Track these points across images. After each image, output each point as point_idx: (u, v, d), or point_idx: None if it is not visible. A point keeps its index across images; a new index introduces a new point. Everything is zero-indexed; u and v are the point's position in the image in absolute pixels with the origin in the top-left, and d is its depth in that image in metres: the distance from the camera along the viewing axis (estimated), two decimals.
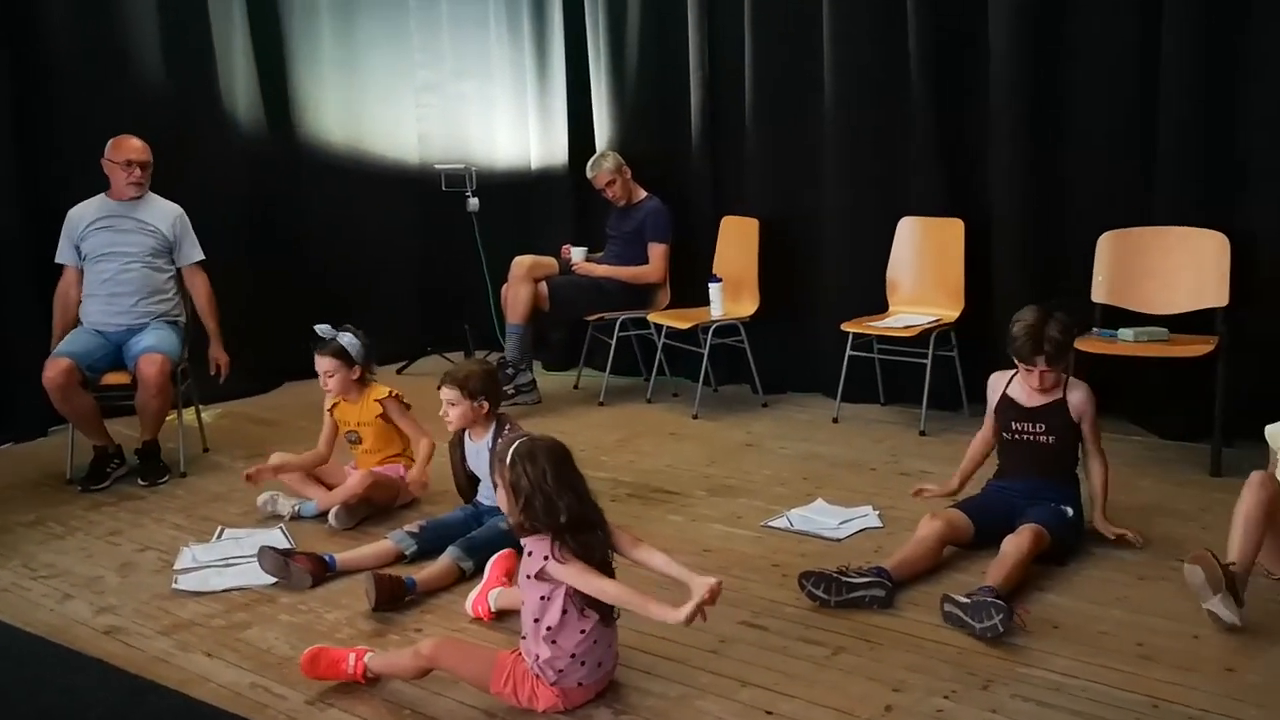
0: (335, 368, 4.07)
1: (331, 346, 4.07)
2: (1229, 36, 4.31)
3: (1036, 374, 3.52)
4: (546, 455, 2.65)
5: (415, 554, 3.61)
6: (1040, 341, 3.44)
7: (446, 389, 3.67)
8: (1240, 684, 2.66)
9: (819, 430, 5.08)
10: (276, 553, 3.49)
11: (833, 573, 3.20)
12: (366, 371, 4.15)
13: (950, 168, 5.13)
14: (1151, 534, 3.61)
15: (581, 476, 2.71)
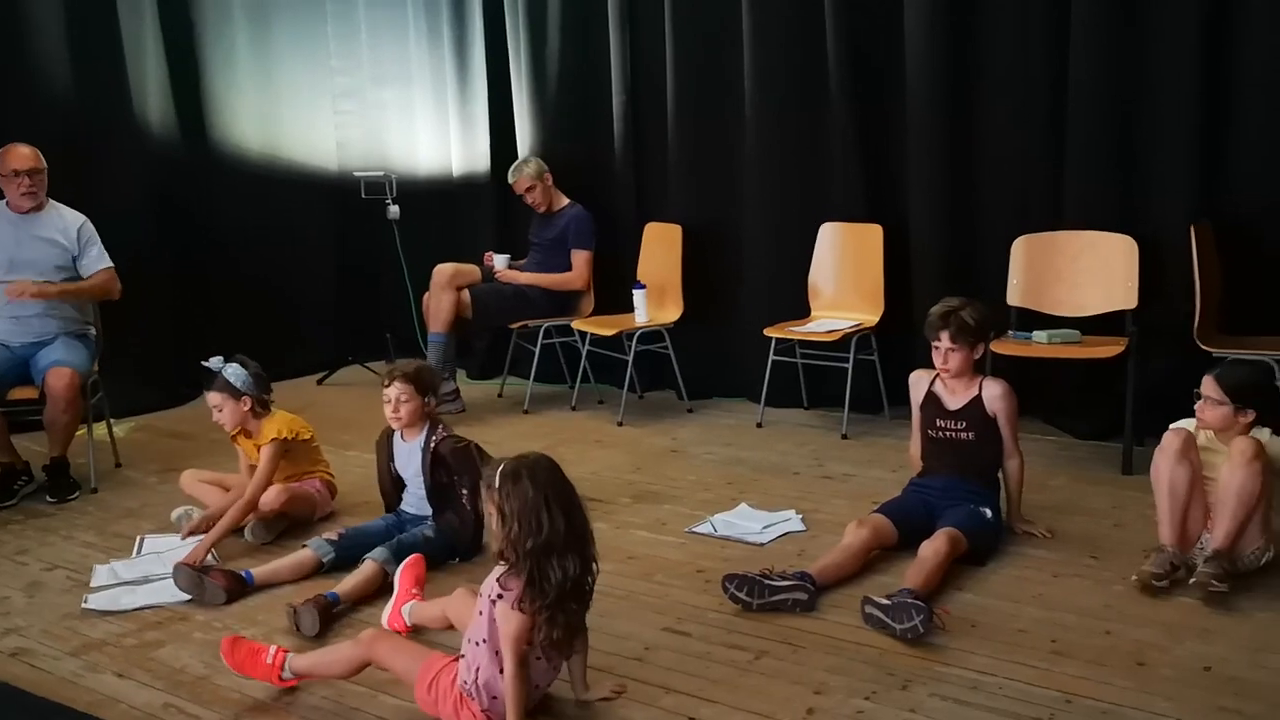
0: (222, 401, 3.90)
1: (217, 381, 3.90)
2: (1134, 50, 4.44)
3: (943, 352, 3.59)
4: (539, 480, 2.50)
5: (333, 562, 3.55)
6: (948, 317, 3.55)
7: (398, 385, 3.61)
8: (1151, 678, 2.72)
9: (743, 435, 5.11)
10: (191, 569, 3.41)
11: (756, 576, 3.21)
12: (258, 403, 3.95)
13: (869, 174, 5.20)
14: (1065, 532, 3.69)
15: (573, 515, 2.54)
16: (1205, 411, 3.22)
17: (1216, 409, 3.19)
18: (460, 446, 3.65)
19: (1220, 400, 3.18)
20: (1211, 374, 3.23)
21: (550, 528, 2.46)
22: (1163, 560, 3.20)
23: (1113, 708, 2.58)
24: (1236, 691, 2.63)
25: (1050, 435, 4.78)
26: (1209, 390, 3.20)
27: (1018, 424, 3.70)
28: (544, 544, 2.46)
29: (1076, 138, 4.62)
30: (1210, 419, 3.22)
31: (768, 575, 3.23)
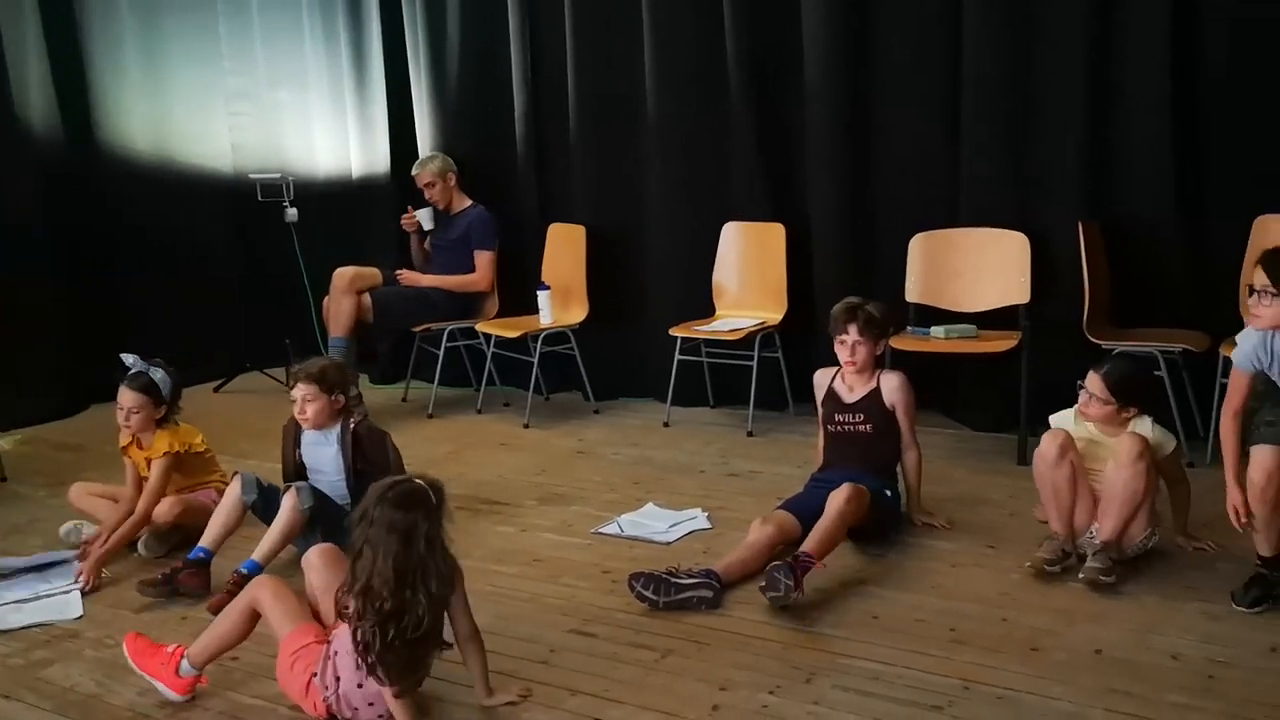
0: (141, 404, 3.72)
1: (140, 381, 3.73)
2: (1024, 55, 4.56)
3: (849, 345, 3.65)
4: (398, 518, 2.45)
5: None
6: (855, 311, 3.65)
7: (302, 386, 3.56)
8: (1045, 662, 2.79)
9: (650, 435, 5.11)
10: (157, 586, 3.37)
11: (662, 574, 3.22)
12: (171, 411, 3.81)
13: (770, 174, 5.25)
14: (964, 522, 3.76)
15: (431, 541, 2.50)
16: (1090, 407, 3.31)
17: (1102, 407, 3.28)
18: (376, 431, 3.64)
19: (1106, 399, 3.26)
20: (1097, 371, 3.32)
21: (405, 559, 2.43)
22: (1054, 547, 3.30)
23: (1008, 693, 2.64)
24: (1126, 673, 2.71)
25: (949, 428, 4.88)
26: (1094, 388, 3.29)
27: (915, 416, 3.78)
28: (394, 576, 2.42)
29: (971, 139, 4.73)
30: (1094, 415, 3.31)
31: (674, 573, 3.23)
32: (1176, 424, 4.20)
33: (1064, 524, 3.33)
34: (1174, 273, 4.46)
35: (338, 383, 3.63)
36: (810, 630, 3.03)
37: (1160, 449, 3.27)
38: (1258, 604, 2.98)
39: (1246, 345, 3.00)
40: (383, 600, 2.40)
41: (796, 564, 3.13)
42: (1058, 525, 3.34)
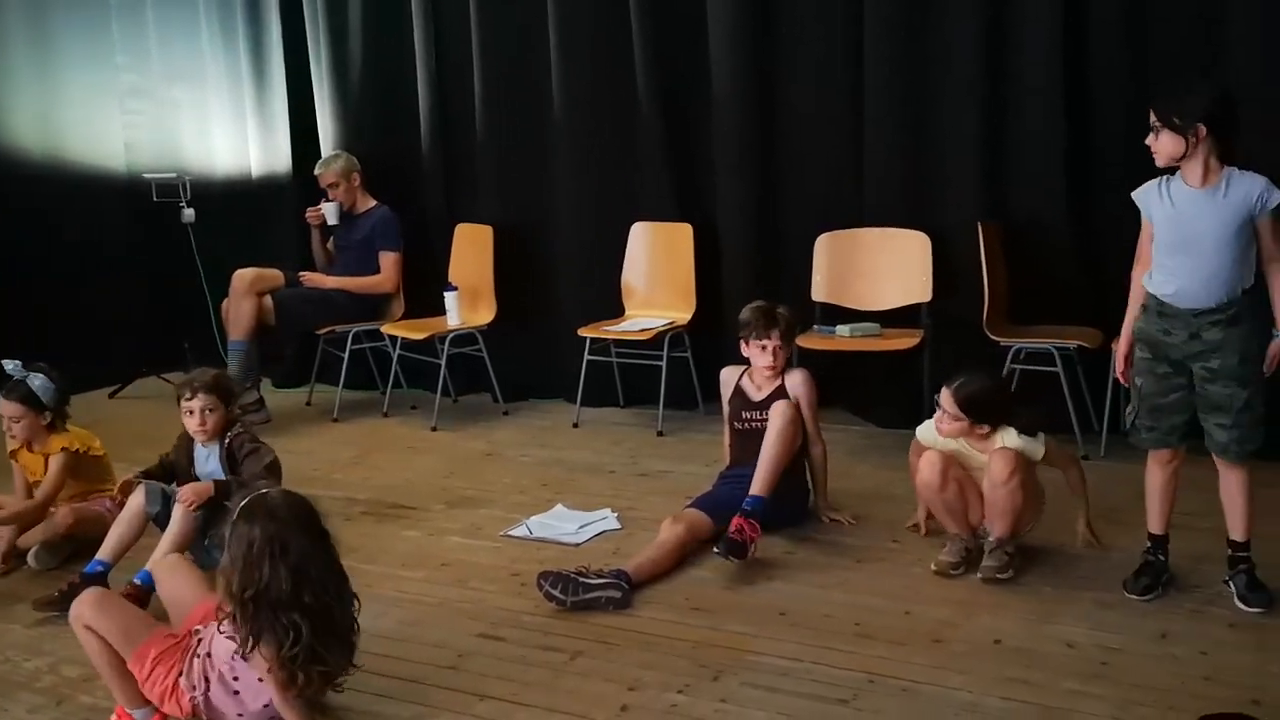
0: (20, 414, 3.63)
1: (19, 391, 3.62)
2: (921, 60, 4.65)
3: (770, 350, 3.71)
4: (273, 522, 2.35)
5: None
6: (773, 315, 3.70)
7: (203, 396, 3.47)
8: (946, 654, 2.85)
9: (559, 436, 5.09)
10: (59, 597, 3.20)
11: (571, 574, 3.21)
12: (58, 418, 3.72)
13: (677, 174, 5.27)
14: (869, 517, 3.82)
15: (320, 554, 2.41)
16: (943, 423, 3.33)
17: (954, 423, 3.31)
18: (254, 443, 3.54)
19: (956, 415, 3.29)
20: (949, 387, 3.31)
21: (271, 578, 2.32)
22: (956, 549, 3.36)
23: (911, 685, 2.69)
24: (1022, 662, 2.78)
25: (855, 425, 4.95)
26: (946, 404, 3.30)
27: (818, 412, 3.83)
28: (260, 595, 2.33)
29: (874, 140, 4.81)
30: (948, 431, 3.33)
31: (583, 573, 3.23)
32: (1072, 419, 4.35)
33: (962, 527, 3.39)
34: (1068, 272, 4.58)
35: (232, 391, 3.59)
36: (718, 628, 3.05)
37: (1031, 456, 3.30)
38: (1148, 592, 3.07)
39: (1145, 195, 3.01)
40: (256, 605, 2.33)
41: (745, 523, 3.34)
42: (956, 529, 3.40)
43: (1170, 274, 2.91)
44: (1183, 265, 2.88)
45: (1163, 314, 2.95)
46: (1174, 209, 2.90)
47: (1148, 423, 3.04)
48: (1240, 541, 3.03)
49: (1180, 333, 2.91)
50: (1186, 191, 2.88)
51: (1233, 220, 2.83)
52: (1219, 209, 2.83)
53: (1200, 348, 2.89)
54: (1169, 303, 2.92)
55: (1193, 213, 2.86)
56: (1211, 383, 2.91)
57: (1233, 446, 2.93)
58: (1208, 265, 2.85)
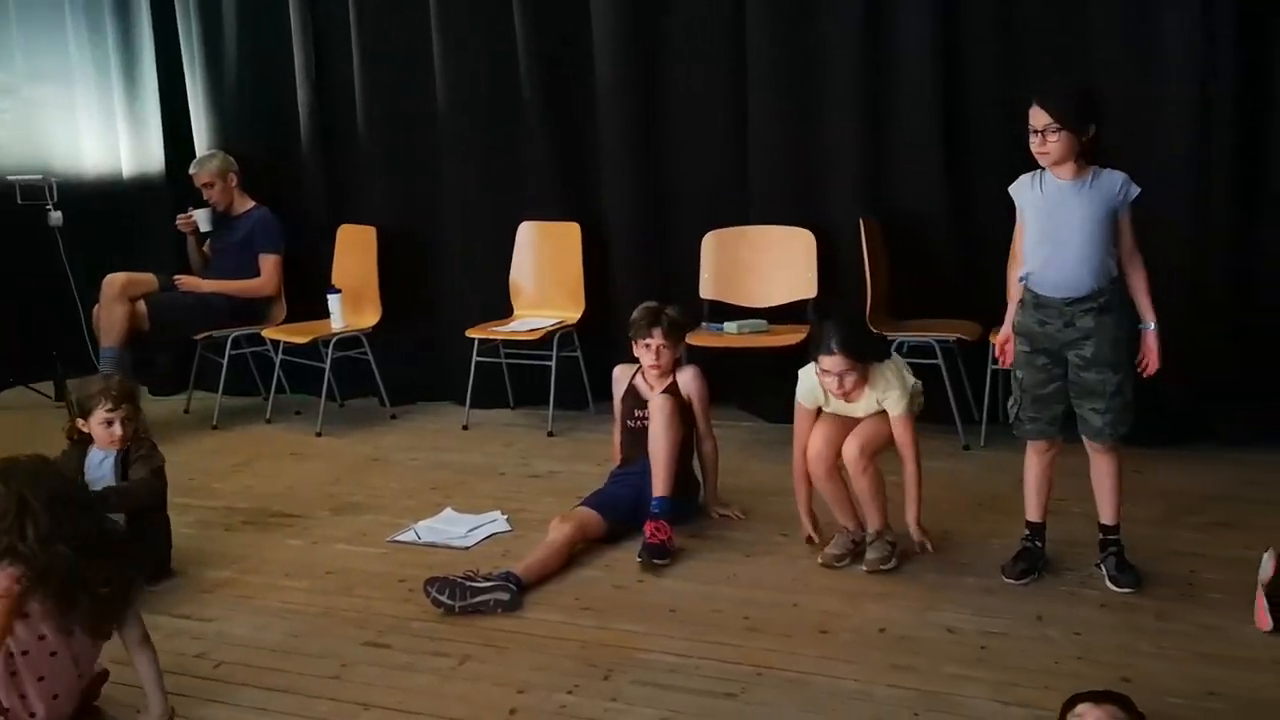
0: None
1: None
2: (804, 62, 4.71)
3: (654, 349, 3.72)
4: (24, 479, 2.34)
5: None
6: (658, 315, 3.73)
7: (125, 407, 3.37)
8: (833, 644, 2.88)
9: (448, 439, 5.02)
10: None
11: (457, 578, 3.16)
12: None
13: (564, 173, 5.25)
14: (758, 511, 3.85)
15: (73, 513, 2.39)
16: (844, 387, 3.25)
17: (854, 380, 3.24)
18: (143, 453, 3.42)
19: (850, 367, 3.22)
20: (828, 352, 3.23)
21: (29, 520, 2.31)
22: (842, 542, 3.40)
23: (799, 676, 2.71)
24: (907, 649, 2.83)
25: (744, 421, 4.98)
26: (836, 365, 3.22)
27: (709, 409, 3.86)
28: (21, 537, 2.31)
29: (758, 139, 4.86)
30: (853, 391, 3.28)
31: (470, 577, 3.19)
32: (953, 409, 4.45)
33: (847, 516, 3.44)
34: (947, 267, 4.69)
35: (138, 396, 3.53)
36: (608, 627, 3.03)
37: (915, 400, 3.33)
38: (1025, 576, 3.15)
39: (1019, 189, 3.08)
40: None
41: (655, 525, 3.40)
42: (844, 520, 3.44)
43: (1044, 264, 3.00)
44: (1055, 255, 2.97)
45: (1038, 305, 3.04)
46: (1045, 200, 2.99)
47: (1030, 414, 3.12)
48: (1110, 525, 3.14)
49: (1055, 322, 3.00)
50: (1057, 184, 2.98)
51: (1099, 210, 2.93)
52: (1087, 200, 2.94)
53: (1075, 335, 2.98)
54: (1043, 294, 3.01)
55: (1063, 203, 2.96)
56: (1086, 369, 3.01)
57: (1107, 430, 3.03)
58: (1077, 254, 2.94)
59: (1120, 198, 2.95)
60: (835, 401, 3.37)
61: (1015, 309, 3.14)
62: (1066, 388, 3.07)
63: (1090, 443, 3.10)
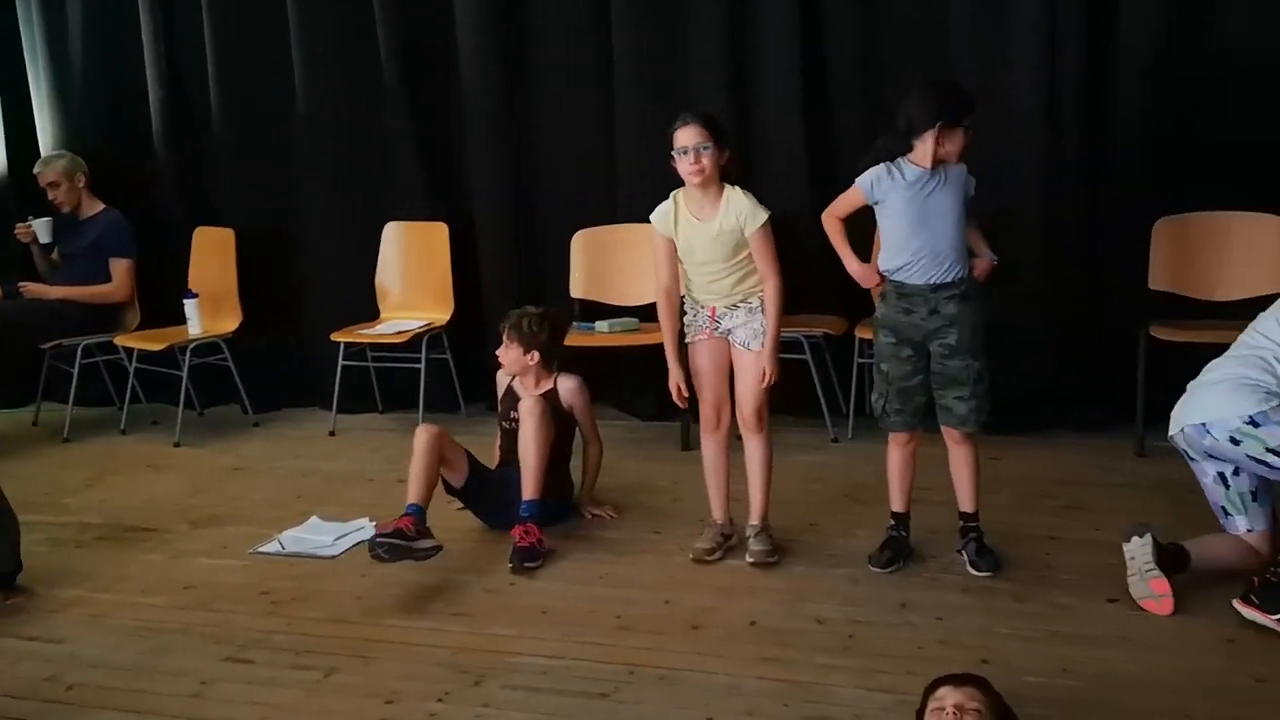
0: None
1: None
2: (672, 55, 4.73)
3: (503, 350, 3.76)
4: None
5: None
6: (509, 317, 3.77)
7: None
8: (705, 639, 2.90)
9: (314, 445, 4.90)
10: None
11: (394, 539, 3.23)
12: None
13: (430, 172, 5.17)
14: (631, 510, 3.86)
15: None
16: (704, 162, 3.14)
17: (708, 153, 3.14)
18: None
19: (707, 139, 3.13)
20: (690, 115, 3.19)
21: None
22: (712, 535, 3.43)
23: (671, 673, 2.72)
24: (776, 641, 2.86)
25: (619, 420, 4.99)
26: (694, 138, 3.13)
27: (594, 415, 3.88)
28: None
29: (624, 136, 4.86)
30: (708, 182, 3.19)
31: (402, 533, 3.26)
32: (821, 403, 4.54)
33: (721, 511, 3.46)
34: (812, 264, 4.75)
35: None
36: (479, 632, 3.00)
37: (754, 220, 3.20)
38: (891, 564, 3.23)
39: (879, 180, 3.09)
40: None
41: (525, 529, 3.40)
42: (717, 507, 3.47)
43: (912, 253, 3.06)
44: (925, 243, 3.04)
45: (902, 294, 3.10)
46: (910, 189, 3.05)
47: (896, 405, 3.18)
48: (970, 513, 3.24)
49: (920, 310, 3.07)
50: (918, 172, 3.04)
51: (958, 198, 3.06)
52: (949, 188, 3.05)
53: (939, 323, 3.06)
54: (909, 282, 3.08)
55: (931, 193, 3.04)
56: (950, 357, 3.09)
57: (971, 418, 3.12)
58: (945, 240, 3.04)
59: (969, 187, 3.09)
60: (687, 228, 3.24)
61: (878, 304, 3.22)
62: (929, 380, 3.15)
63: (952, 432, 3.18)
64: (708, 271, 3.27)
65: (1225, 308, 4.07)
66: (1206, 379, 3.00)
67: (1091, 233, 4.36)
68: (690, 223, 3.25)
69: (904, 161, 3.07)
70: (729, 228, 3.20)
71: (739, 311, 3.29)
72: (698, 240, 3.25)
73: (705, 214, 3.23)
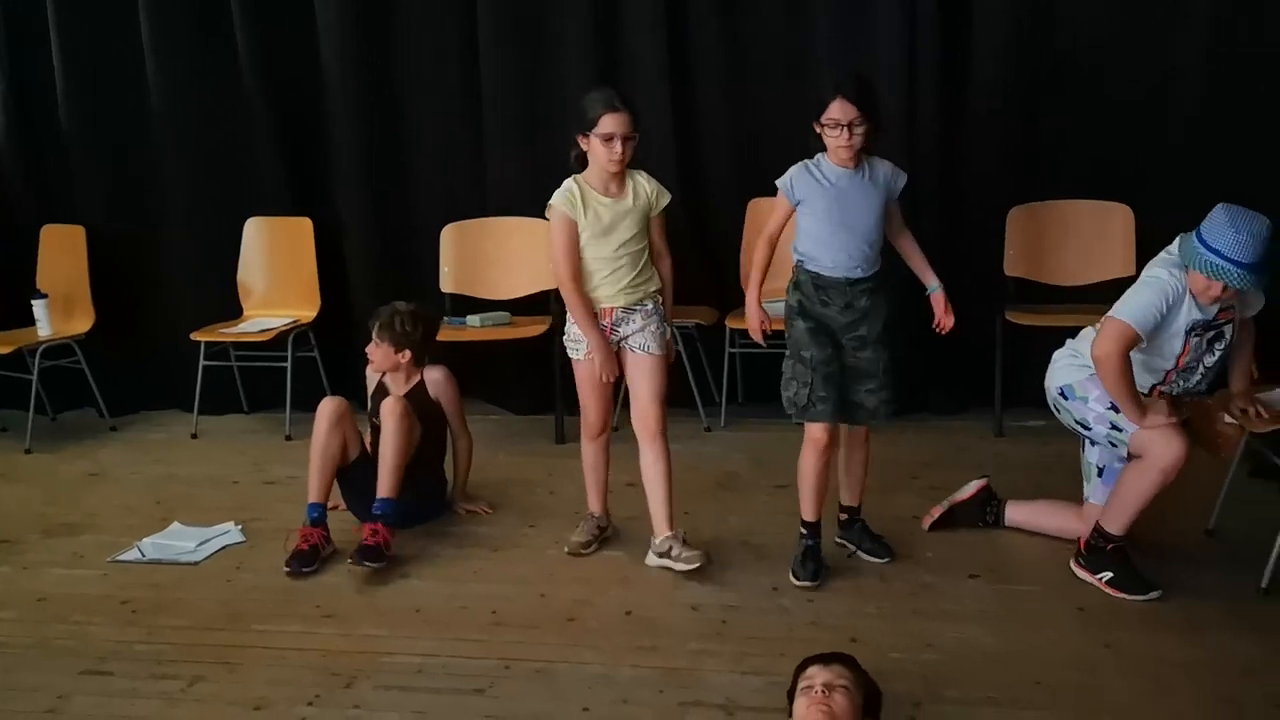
0: None
1: None
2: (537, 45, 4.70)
3: (372, 348, 3.69)
4: None
5: None
6: (379, 314, 3.68)
7: None
8: (580, 631, 2.90)
9: (176, 449, 4.73)
10: None
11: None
12: None
13: (293, 166, 5.03)
14: (505, 505, 3.84)
15: None
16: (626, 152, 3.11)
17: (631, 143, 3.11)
18: None
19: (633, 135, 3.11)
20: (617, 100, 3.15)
21: None
22: (589, 527, 3.43)
23: (546, 665, 2.72)
24: (651, 630, 2.88)
25: (492, 414, 4.95)
26: (622, 128, 3.10)
27: (462, 407, 3.82)
28: None
29: (493, 130, 4.82)
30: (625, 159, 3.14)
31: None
32: (694, 392, 4.58)
33: (598, 503, 3.46)
34: (684, 253, 4.79)
35: None
36: (350, 634, 2.94)
37: (662, 197, 3.23)
38: (817, 576, 3.07)
39: (801, 179, 3.01)
40: None
41: (374, 528, 3.33)
42: (594, 498, 3.47)
43: (833, 249, 2.99)
44: (846, 240, 2.98)
45: (819, 285, 3.04)
46: (834, 188, 2.99)
47: (821, 393, 3.01)
48: (857, 506, 3.28)
49: (837, 302, 3.02)
50: (840, 172, 2.98)
51: (879, 197, 3.02)
52: (870, 187, 3.00)
53: (853, 317, 3.02)
54: (826, 274, 3.02)
55: (851, 191, 2.98)
56: (862, 349, 3.04)
57: (882, 410, 3.09)
58: (865, 238, 3.00)
59: (894, 185, 3.05)
60: (599, 207, 3.15)
61: (790, 291, 3.10)
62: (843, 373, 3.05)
63: (858, 431, 3.17)
64: (621, 256, 3.18)
65: (1078, 292, 4.25)
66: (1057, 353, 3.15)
67: (949, 222, 4.49)
68: (602, 202, 3.17)
69: (822, 159, 3.01)
70: (640, 205, 3.20)
71: (635, 316, 3.23)
72: (614, 216, 3.17)
73: (614, 194, 3.20)
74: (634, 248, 3.20)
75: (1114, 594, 2.94)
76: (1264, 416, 2.94)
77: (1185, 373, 2.97)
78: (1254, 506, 3.33)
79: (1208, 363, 2.97)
